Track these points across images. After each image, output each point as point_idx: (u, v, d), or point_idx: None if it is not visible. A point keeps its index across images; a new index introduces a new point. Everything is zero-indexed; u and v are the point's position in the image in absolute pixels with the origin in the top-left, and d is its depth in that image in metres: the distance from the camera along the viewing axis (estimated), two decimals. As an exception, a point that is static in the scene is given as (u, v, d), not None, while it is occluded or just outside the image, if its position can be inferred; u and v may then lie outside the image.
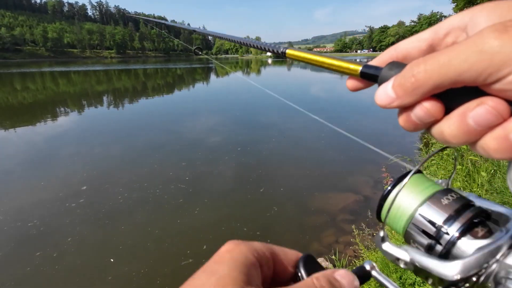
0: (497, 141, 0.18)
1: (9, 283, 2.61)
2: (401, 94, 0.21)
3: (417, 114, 0.21)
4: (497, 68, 0.17)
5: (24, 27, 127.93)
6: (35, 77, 28.21)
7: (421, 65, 0.20)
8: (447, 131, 0.20)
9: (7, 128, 8.33)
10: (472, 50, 0.18)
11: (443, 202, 0.26)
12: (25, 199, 4.11)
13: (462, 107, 0.20)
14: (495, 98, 0.18)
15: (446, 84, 0.19)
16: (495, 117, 0.18)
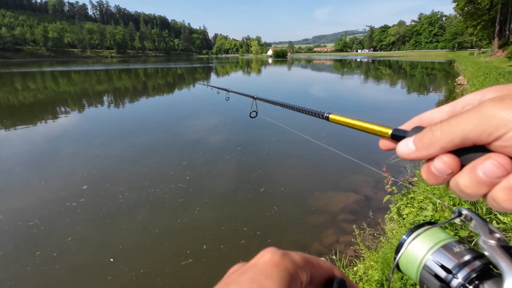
0: (504, 191, 0.21)
1: (9, 283, 2.61)
2: (419, 147, 0.25)
3: (436, 166, 0.25)
4: (495, 129, 0.21)
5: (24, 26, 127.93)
6: (36, 76, 28.23)
7: (438, 125, 0.24)
8: (461, 183, 0.23)
9: (8, 128, 8.33)
10: (475, 115, 0.22)
11: (455, 250, 0.28)
12: (25, 198, 4.11)
13: (473, 162, 0.23)
14: (498, 154, 0.22)
15: (457, 141, 0.23)
16: (499, 169, 0.21)
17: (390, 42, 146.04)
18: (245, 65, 51.86)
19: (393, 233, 2.75)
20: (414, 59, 59.36)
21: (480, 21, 33.96)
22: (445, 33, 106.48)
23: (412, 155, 0.26)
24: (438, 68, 33.87)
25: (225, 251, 2.96)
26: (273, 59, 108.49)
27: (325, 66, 48.00)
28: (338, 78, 25.41)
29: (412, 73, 27.85)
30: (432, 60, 54.08)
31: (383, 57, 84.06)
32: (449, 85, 15.44)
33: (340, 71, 35.18)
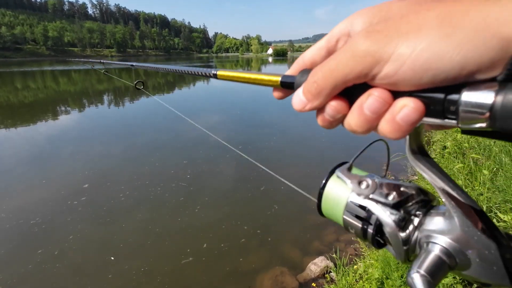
0: (388, 123, 0.22)
1: (11, 281, 2.62)
2: (310, 98, 0.26)
3: (328, 113, 0.26)
4: (370, 68, 0.21)
5: (24, 26, 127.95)
6: (36, 76, 28.23)
7: (319, 72, 0.25)
8: (352, 122, 0.25)
9: (8, 127, 8.34)
10: (348, 55, 0.22)
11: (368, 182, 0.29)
12: (27, 197, 4.12)
13: (358, 100, 0.24)
14: (379, 89, 0.23)
15: (340, 85, 0.24)
16: (381, 104, 0.23)
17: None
18: (245, 64, 51.82)
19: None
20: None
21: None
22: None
23: (307, 107, 0.27)
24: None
25: (225, 249, 2.96)
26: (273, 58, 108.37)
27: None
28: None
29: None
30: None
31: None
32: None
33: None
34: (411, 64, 0.20)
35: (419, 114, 0.21)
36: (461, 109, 0.20)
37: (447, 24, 0.19)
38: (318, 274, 2.57)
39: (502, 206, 2.46)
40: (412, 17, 0.21)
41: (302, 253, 2.90)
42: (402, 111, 0.22)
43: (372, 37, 0.21)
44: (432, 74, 0.20)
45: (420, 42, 0.19)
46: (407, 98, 0.22)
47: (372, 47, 0.21)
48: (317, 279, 2.55)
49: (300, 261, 2.79)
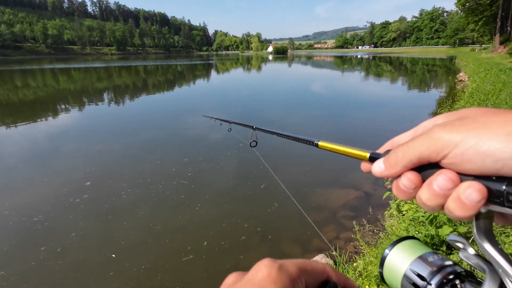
0: (454, 201, 0.26)
1: (14, 277, 2.64)
2: (387, 166, 0.31)
3: (403, 182, 0.30)
4: (441, 149, 0.26)
5: (24, 24, 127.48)
6: (36, 74, 28.19)
7: (400, 148, 0.30)
8: (422, 196, 0.28)
9: (9, 125, 8.35)
10: (426, 138, 0.27)
11: (429, 259, 0.32)
12: (29, 194, 4.14)
13: (430, 178, 0.28)
14: (448, 170, 0.27)
15: (415, 160, 0.28)
16: (449, 182, 0.26)
17: (391, 39, 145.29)
18: (245, 62, 51.68)
19: (392, 229, 2.76)
20: (415, 56, 59.08)
21: (481, 17, 33.72)
22: (446, 29, 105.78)
23: (383, 173, 0.31)
24: (439, 64, 33.74)
25: (226, 247, 2.98)
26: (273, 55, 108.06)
27: (325, 62, 47.85)
28: (339, 75, 25.34)
29: (413, 70, 27.76)
30: (433, 56, 53.84)
31: (384, 53, 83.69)
32: (450, 81, 15.41)
33: (340, 67, 35.07)
34: (475, 149, 0.24)
35: (481, 196, 0.24)
36: None
37: (509, 126, 0.23)
38: (318, 271, 2.58)
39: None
40: (481, 118, 0.26)
41: (302, 250, 2.92)
42: (467, 191, 0.25)
43: (447, 128, 0.26)
44: (492, 160, 0.23)
45: (484, 135, 0.24)
46: (471, 181, 0.25)
47: (445, 134, 0.26)
48: (317, 276, 2.57)
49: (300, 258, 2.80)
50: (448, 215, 0.27)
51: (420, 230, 2.19)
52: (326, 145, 0.52)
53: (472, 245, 0.31)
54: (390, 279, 0.35)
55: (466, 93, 9.61)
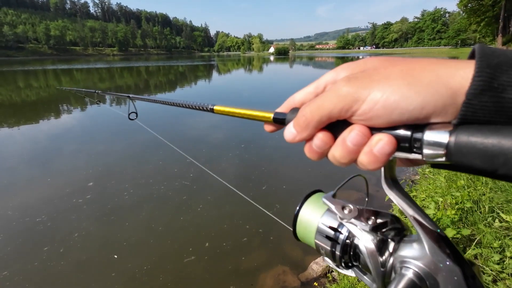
0: (367, 155, 0.27)
1: (17, 277, 2.65)
2: (299, 130, 0.30)
3: (315, 143, 0.30)
4: (349, 106, 0.26)
5: (26, 25, 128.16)
6: (38, 75, 28.31)
7: (307, 108, 0.29)
8: (337, 154, 0.29)
9: (11, 126, 8.39)
10: (333, 94, 0.27)
11: None
12: (32, 195, 4.16)
13: (342, 134, 0.28)
14: (359, 125, 0.27)
15: (325, 119, 0.28)
16: (361, 137, 0.27)
17: (393, 39, 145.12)
18: (246, 63, 51.75)
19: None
20: (417, 56, 58.82)
21: (483, 17, 33.66)
22: (448, 29, 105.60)
23: (296, 138, 0.31)
24: (441, 65, 33.62)
25: (227, 248, 2.98)
26: (274, 56, 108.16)
27: (327, 63, 47.83)
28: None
29: (414, 71, 27.66)
30: (435, 57, 53.58)
31: (386, 54, 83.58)
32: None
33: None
34: (382, 103, 0.25)
35: (392, 147, 0.25)
36: (424, 146, 0.24)
37: (409, 76, 0.25)
38: (320, 273, 2.58)
39: (504, 206, 2.46)
40: (382, 70, 0.27)
41: (303, 252, 2.92)
42: (378, 144, 0.26)
43: (352, 82, 0.27)
44: (399, 112, 0.25)
45: (388, 87, 0.25)
46: (382, 134, 0.26)
47: (351, 90, 0.26)
48: (319, 278, 2.57)
49: (302, 260, 2.80)
50: (360, 167, 0.28)
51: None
52: (222, 109, 0.47)
53: None
54: (304, 236, 0.35)
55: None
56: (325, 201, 0.34)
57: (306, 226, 0.35)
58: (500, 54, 0.23)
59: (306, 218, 0.35)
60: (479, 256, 2.05)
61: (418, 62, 0.26)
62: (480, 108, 0.22)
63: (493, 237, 2.09)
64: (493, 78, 0.22)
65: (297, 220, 0.36)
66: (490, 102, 0.22)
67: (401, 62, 0.27)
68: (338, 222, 0.33)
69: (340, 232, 0.32)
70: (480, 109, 0.22)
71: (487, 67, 0.22)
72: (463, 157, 0.21)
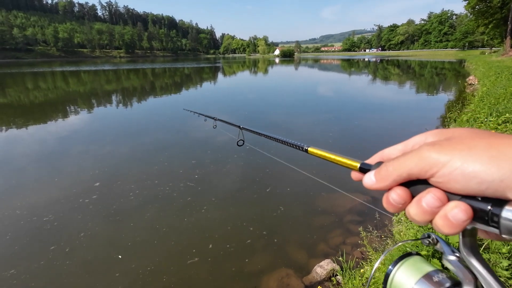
0: (442, 219, 0.27)
1: (24, 276, 2.69)
2: (378, 179, 0.32)
3: (392, 197, 0.31)
4: (429, 168, 0.27)
5: (36, 27, 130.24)
6: (46, 76, 28.74)
7: (391, 162, 0.31)
8: (412, 212, 0.29)
9: (20, 127, 8.51)
10: (415, 155, 0.29)
11: (434, 279, 0.32)
12: (40, 195, 4.22)
13: (419, 195, 0.29)
14: (436, 188, 0.28)
15: (404, 175, 0.30)
16: (437, 201, 0.27)
17: (399, 42, 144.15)
18: (252, 65, 51.86)
19: (400, 235, 2.72)
20: (423, 59, 58.48)
21: (491, 19, 33.22)
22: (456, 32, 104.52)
23: (374, 186, 0.33)
24: (448, 67, 33.30)
25: (231, 250, 2.98)
26: (280, 58, 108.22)
27: (332, 65, 47.69)
28: (346, 78, 25.22)
29: (421, 73, 27.46)
30: (442, 59, 53.18)
31: (392, 56, 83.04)
32: (459, 85, 15.18)
33: (347, 70, 34.90)
34: (461, 170, 0.25)
35: (467, 216, 0.26)
36: (502, 222, 0.24)
37: (493, 149, 0.25)
38: (324, 277, 2.56)
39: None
40: (467, 140, 0.27)
41: (308, 255, 2.90)
42: (453, 210, 0.26)
43: (435, 147, 0.28)
44: (477, 182, 0.25)
45: (469, 156, 0.25)
46: (458, 201, 0.26)
47: (433, 153, 0.27)
48: (323, 282, 2.54)
49: (306, 264, 2.78)
50: (436, 230, 0.29)
51: (428, 237, 2.15)
52: (316, 151, 0.52)
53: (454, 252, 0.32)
54: None
55: (476, 96, 9.44)
56: None
57: None
58: None
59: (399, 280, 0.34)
60: (487, 261, 2.01)
61: (505, 138, 0.26)
62: None
63: (502, 243, 2.06)
64: None
65: (388, 278, 0.35)
66: None
67: (490, 136, 0.27)
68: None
69: None
70: None
71: None
72: None
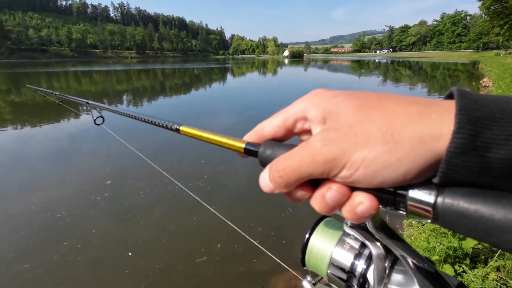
0: (349, 213, 0.26)
1: (38, 270, 2.75)
2: (277, 187, 0.29)
3: (294, 196, 0.29)
4: (329, 170, 0.25)
5: (50, 28, 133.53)
6: (60, 76, 29.40)
7: (283, 165, 0.28)
8: (316, 206, 0.28)
9: (34, 125, 8.74)
10: (309, 159, 0.26)
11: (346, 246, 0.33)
12: (53, 191, 4.32)
13: (320, 190, 0.27)
14: (337, 184, 0.26)
15: (304, 180, 0.27)
16: (341, 196, 0.26)
17: (411, 43, 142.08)
18: (261, 66, 51.92)
19: (411, 239, 2.68)
20: (435, 60, 57.46)
21: (507, 20, 32.40)
22: (469, 33, 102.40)
23: (275, 192, 0.30)
24: (461, 69, 32.64)
25: (239, 250, 2.98)
26: (289, 59, 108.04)
27: (342, 66, 47.34)
28: (355, 79, 25.00)
29: (433, 74, 27.00)
30: (455, 61, 52.13)
31: (403, 57, 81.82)
32: (473, 87, 14.86)
33: (357, 72, 34.57)
34: (362, 171, 0.24)
35: (374, 209, 0.25)
36: (409, 205, 0.23)
37: (389, 139, 0.23)
38: (333, 279, 2.54)
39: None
40: (358, 128, 0.24)
41: (316, 257, 2.88)
42: (360, 206, 0.25)
43: (329, 146, 0.25)
44: (380, 180, 0.24)
45: (368, 153, 0.23)
46: (363, 194, 0.25)
47: (329, 155, 0.25)
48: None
49: (314, 265, 2.76)
50: (345, 217, 0.28)
51: (442, 242, 2.12)
52: (190, 131, 0.44)
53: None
54: (315, 266, 0.35)
55: (490, 99, 9.21)
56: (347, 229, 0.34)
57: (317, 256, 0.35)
58: (482, 104, 0.21)
59: (317, 246, 0.35)
60: (501, 268, 1.96)
61: (396, 113, 0.24)
62: (462, 167, 0.21)
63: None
64: (476, 135, 0.20)
65: (307, 248, 0.36)
66: (474, 162, 0.20)
67: (378, 114, 0.25)
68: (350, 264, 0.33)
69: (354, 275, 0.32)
70: (462, 168, 0.21)
71: (468, 122, 0.20)
72: (448, 222, 0.21)
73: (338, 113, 0.27)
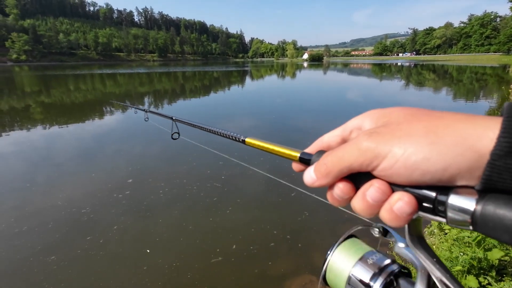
0: (387, 212, 0.26)
1: (63, 263, 2.89)
2: (319, 177, 0.30)
3: (336, 192, 0.29)
4: (370, 161, 0.26)
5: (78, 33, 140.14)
6: (86, 78, 30.75)
7: (329, 157, 0.29)
8: (357, 206, 0.28)
9: (61, 125, 9.18)
10: (354, 148, 0.27)
11: (369, 261, 0.33)
12: (79, 188, 4.52)
13: (362, 188, 0.28)
14: (379, 180, 0.27)
15: (346, 171, 0.28)
16: (381, 194, 0.26)
17: (435, 45, 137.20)
18: (279, 69, 51.88)
19: (433, 248, 2.59)
20: (462, 63, 55.16)
21: (542, 21, 30.58)
22: (499, 35, 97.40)
23: (315, 184, 0.30)
24: (489, 73, 31.11)
25: (254, 252, 2.99)
26: (308, 63, 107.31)
27: (362, 70, 46.42)
28: (376, 83, 24.43)
29: (459, 78, 25.90)
30: (483, 64, 49.83)
31: (427, 61, 79.16)
32: (503, 91, 14.13)
33: (378, 75, 33.78)
34: (403, 162, 0.24)
35: (412, 207, 0.25)
36: (448, 211, 0.23)
37: (432, 134, 0.24)
38: (349, 285, 2.49)
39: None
40: (405, 125, 0.26)
41: (332, 262, 2.84)
42: (398, 203, 0.25)
43: (373, 137, 0.26)
44: (420, 173, 0.23)
45: (409, 145, 0.24)
46: (402, 192, 0.25)
47: (372, 145, 0.26)
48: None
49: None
50: (383, 221, 0.27)
51: (465, 252, 2.03)
52: (254, 142, 0.49)
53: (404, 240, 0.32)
54: (334, 284, 0.36)
55: (522, 104, 8.73)
56: None
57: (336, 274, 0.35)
58: None
59: (337, 265, 0.35)
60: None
61: (443, 118, 0.25)
62: (505, 169, 0.20)
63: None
64: None
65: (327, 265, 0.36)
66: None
67: (426, 117, 0.26)
68: (371, 276, 0.32)
69: None
70: (505, 170, 0.20)
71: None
72: (490, 230, 0.20)
73: (391, 116, 0.29)
